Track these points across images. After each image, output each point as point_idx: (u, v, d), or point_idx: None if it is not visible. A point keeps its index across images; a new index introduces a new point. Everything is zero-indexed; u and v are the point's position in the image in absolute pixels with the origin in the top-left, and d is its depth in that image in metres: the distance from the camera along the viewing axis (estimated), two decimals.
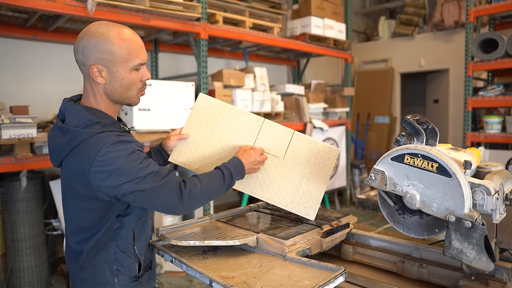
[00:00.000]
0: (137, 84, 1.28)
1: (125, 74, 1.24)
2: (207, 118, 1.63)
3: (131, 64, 1.23)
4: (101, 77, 1.22)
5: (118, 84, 1.24)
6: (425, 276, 1.27)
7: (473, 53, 4.31)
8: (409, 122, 1.24)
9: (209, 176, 1.35)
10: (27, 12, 3.20)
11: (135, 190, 1.17)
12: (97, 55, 1.19)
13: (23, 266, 3.05)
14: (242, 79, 4.13)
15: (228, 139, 1.61)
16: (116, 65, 1.21)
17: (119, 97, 1.28)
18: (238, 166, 1.44)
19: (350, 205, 5.83)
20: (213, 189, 1.33)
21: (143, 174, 1.17)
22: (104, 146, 1.14)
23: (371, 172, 1.26)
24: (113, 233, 1.26)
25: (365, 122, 7.17)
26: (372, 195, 1.99)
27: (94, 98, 1.27)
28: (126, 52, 1.21)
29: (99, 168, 1.14)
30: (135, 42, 1.24)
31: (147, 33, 4.09)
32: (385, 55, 7.37)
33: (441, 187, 1.10)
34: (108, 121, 1.25)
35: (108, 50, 1.19)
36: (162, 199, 1.21)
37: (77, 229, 1.27)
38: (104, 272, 1.26)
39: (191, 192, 1.25)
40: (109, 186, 1.16)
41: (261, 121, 1.63)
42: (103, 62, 1.20)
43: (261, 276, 1.14)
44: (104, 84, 1.24)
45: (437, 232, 1.17)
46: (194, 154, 1.59)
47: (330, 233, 1.45)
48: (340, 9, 5.33)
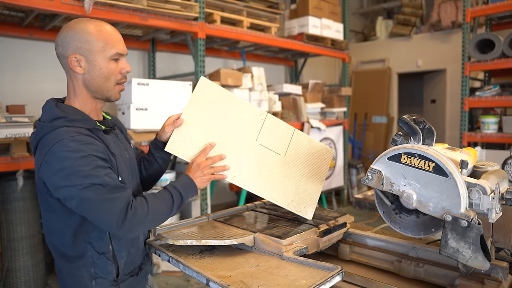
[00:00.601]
0: (115, 75, 1.28)
1: (103, 63, 1.24)
2: (207, 105, 1.49)
3: (108, 53, 1.24)
4: (80, 66, 1.23)
5: (96, 73, 1.24)
6: (422, 275, 1.27)
7: (470, 54, 4.33)
8: (406, 121, 1.24)
9: (157, 197, 1.26)
10: (24, 11, 3.19)
11: (78, 196, 1.10)
12: (75, 44, 1.21)
13: (19, 266, 3.04)
14: (239, 79, 4.13)
15: (228, 130, 1.50)
16: (94, 54, 1.23)
17: (98, 87, 1.27)
18: (187, 183, 1.33)
19: (348, 204, 5.84)
20: (161, 211, 1.24)
21: (89, 182, 1.10)
22: (58, 142, 1.11)
23: (368, 172, 1.26)
24: (86, 234, 1.21)
25: (363, 122, 7.19)
26: (369, 194, 2.00)
27: (74, 93, 1.28)
28: (102, 41, 1.23)
29: (48, 164, 1.12)
30: (112, 34, 1.26)
31: (145, 32, 4.09)
32: (382, 55, 7.39)
33: (437, 187, 1.11)
34: (76, 116, 1.22)
35: (86, 39, 1.21)
36: (105, 215, 1.13)
37: (49, 229, 1.26)
38: (81, 275, 1.22)
39: (138, 215, 1.17)
40: (53, 184, 1.12)
41: (264, 114, 1.56)
42: (81, 51, 1.21)
43: (258, 275, 1.14)
44: (83, 74, 1.25)
45: (434, 231, 1.18)
46: (190, 145, 1.44)
47: (327, 233, 1.45)
48: (338, 9, 5.34)
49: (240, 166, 1.50)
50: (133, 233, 1.19)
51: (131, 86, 3.23)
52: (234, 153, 1.50)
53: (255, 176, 1.52)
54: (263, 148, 1.54)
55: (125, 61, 1.30)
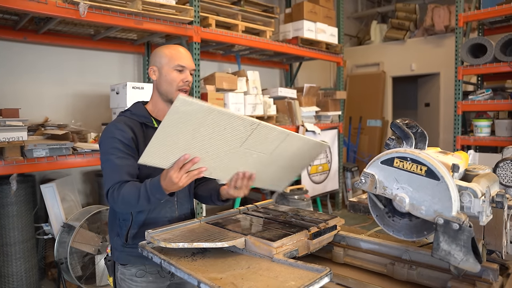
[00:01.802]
0: (177, 81, 1.62)
1: (168, 72, 1.62)
2: (188, 122, 1.32)
3: (172, 65, 1.62)
4: (154, 74, 1.66)
5: (163, 79, 1.63)
6: (415, 278, 1.28)
7: (462, 58, 4.38)
8: (398, 126, 1.25)
9: (133, 186, 1.45)
10: (18, 14, 3.18)
11: (101, 160, 1.55)
12: (153, 59, 1.67)
13: (12, 271, 3.01)
14: (234, 83, 4.14)
15: (211, 143, 1.38)
16: (163, 65, 1.63)
17: (163, 90, 1.64)
18: (155, 182, 1.40)
19: (342, 208, 5.85)
20: (129, 199, 1.43)
21: (106, 156, 1.51)
22: (108, 125, 1.59)
23: (361, 176, 1.27)
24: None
25: (357, 126, 7.22)
26: (363, 198, 2.00)
27: (151, 95, 1.71)
28: (169, 57, 1.63)
29: (101, 134, 1.59)
30: (177, 52, 1.64)
31: (140, 36, 4.09)
32: (377, 59, 7.43)
33: (429, 190, 1.12)
34: (136, 111, 1.65)
35: (159, 56, 1.65)
36: (106, 181, 1.50)
37: None
38: (113, 230, 1.67)
39: (114, 196, 1.45)
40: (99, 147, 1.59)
41: (256, 124, 1.38)
42: (156, 64, 1.65)
43: (249, 277, 1.15)
44: (156, 80, 1.65)
45: (426, 234, 1.19)
46: (168, 157, 1.36)
47: (317, 235, 1.46)
48: (332, 13, 5.37)
49: (217, 166, 1.45)
50: (115, 207, 1.50)
51: (125, 89, 3.23)
52: (213, 159, 1.42)
53: (232, 170, 1.49)
54: (247, 151, 1.46)
55: (188, 73, 1.65)
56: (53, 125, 3.32)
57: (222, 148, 1.43)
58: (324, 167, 5.40)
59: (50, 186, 3.21)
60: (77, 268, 3.07)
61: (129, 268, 1.65)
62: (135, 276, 1.64)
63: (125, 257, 1.63)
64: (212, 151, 1.42)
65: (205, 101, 3.22)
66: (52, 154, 2.80)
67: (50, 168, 2.88)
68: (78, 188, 3.95)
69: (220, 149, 1.43)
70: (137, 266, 1.64)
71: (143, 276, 1.64)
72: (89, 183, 4.13)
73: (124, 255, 1.63)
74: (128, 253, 1.62)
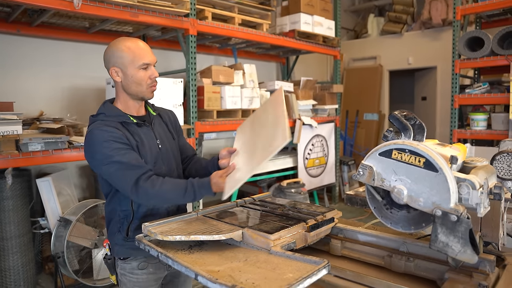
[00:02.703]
0: (145, 80, 1.60)
1: (134, 73, 1.57)
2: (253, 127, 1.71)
3: (137, 64, 1.57)
4: (118, 76, 1.59)
5: (130, 80, 1.59)
6: (412, 269, 1.29)
7: (460, 51, 4.37)
8: (396, 117, 1.25)
9: (173, 183, 1.52)
10: (10, 6, 3.13)
11: (103, 171, 1.50)
12: (113, 60, 1.58)
13: (8, 266, 3.00)
14: (231, 76, 4.11)
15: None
16: (126, 66, 1.57)
17: (133, 91, 1.61)
18: (203, 184, 1.53)
19: (339, 201, 5.87)
20: (170, 195, 1.51)
21: (109, 161, 1.47)
22: (89, 132, 1.52)
23: (359, 167, 1.27)
24: (119, 199, 1.61)
25: (354, 119, 7.22)
26: (360, 191, 2.01)
27: (117, 95, 1.65)
28: (131, 55, 1.56)
29: (84, 148, 1.54)
30: (139, 48, 1.57)
31: (135, 29, 4.06)
32: (374, 52, 7.42)
33: (427, 182, 1.11)
34: (111, 113, 1.60)
35: (120, 55, 1.56)
36: (122, 185, 1.50)
37: (104, 195, 1.68)
38: (113, 227, 1.65)
39: (145, 188, 1.47)
40: (89, 163, 1.55)
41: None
42: (117, 64, 1.57)
43: (246, 269, 1.15)
44: (121, 82, 1.60)
45: (424, 226, 1.19)
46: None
47: (315, 227, 1.46)
48: (329, 6, 5.34)
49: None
50: (143, 201, 1.53)
51: None
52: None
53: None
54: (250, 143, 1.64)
55: (153, 69, 1.62)
56: (49, 119, 3.30)
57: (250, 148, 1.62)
58: (321, 161, 5.40)
59: (46, 180, 3.19)
60: (74, 262, 3.07)
61: (129, 262, 1.66)
62: (137, 268, 1.65)
63: (127, 251, 1.64)
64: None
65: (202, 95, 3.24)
66: (48, 148, 2.78)
67: (45, 162, 2.86)
68: (74, 182, 3.93)
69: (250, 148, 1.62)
70: (138, 259, 1.65)
71: (145, 268, 1.65)
72: (85, 177, 4.11)
73: (125, 249, 1.64)
74: (130, 247, 1.62)
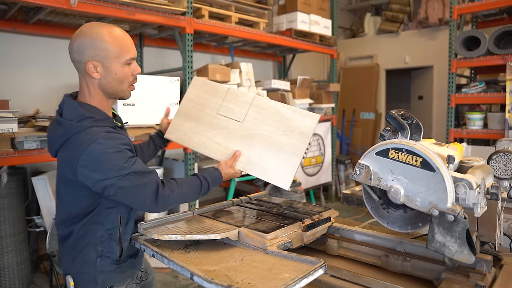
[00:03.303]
0: (129, 77, 1.39)
1: (118, 69, 1.35)
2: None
3: (123, 59, 1.35)
4: (97, 72, 1.33)
5: (112, 78, 1.35)
6: (409, 269, 1.29)
7: (456, 51, 4.38)
8: (393, 117, 1.24)
9: (187, 182, 1.45)
10: (6, 3, 3.10)
11: (116, 186, 1.25)
12: (92, 52, 1.30)
13: (3, 264, 2.98)
14: (227, 74, 4.10)
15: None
16: (110, 60, 1.33)
17: (113, 90, 1.38)
18: (216, 177, 1.54)
19: (336, 200, 5.88)
20: (188, 195, 1.44)
21: (125, 173, 1.26)
22: (93, 142, 1.23)
23: (356, 167, 1.27)
24: (102, 217, 1.34)
25: (351, 118, 7.23)
26: (357, 190, 2.01)
27: (89, 93, 1.37)
28: (118, 48, 1.33)
29: (85, 162, 1.23)
30: (125, 39, 1.36)
31: (132, 27, 4.03)
32: (370, 51, 7.43)
33: (424, 182, 1.11)
34: (100, 116, 1.34)
35: (102, 47, 1.31)
36: (139, 198, 1.31)
37: (67, 216, 1.37)
38: (89, 253, 1.34)
39: (166, 196, 1.35)
40: (92, 179, 1.25)
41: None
42: (98, 58, 1.31)
43: (242, 269, 1.14)
44: (99, 79, 1.35)
45: (421, 226, 1.19)
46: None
47: (311, 227, 1.46)
48: (326, 5, 5.34)
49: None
50: (164, 210, 1.41)
51: None
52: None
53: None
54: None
55: (136, 64, 1.41)
56: (44, 117, 3.27)
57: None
58: (317, 160, 5.40)
59: (42, 178, 3.17)
60: None
61: None
62: None
63: (117, 276, 1.40)
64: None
65: None
66: (43, 146, 2.76)
67: (41, 160, 2.84)
68: None
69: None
70: (124, 282, 1.44)
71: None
72: None
73: (115, 275, 1.39)
74: (121, 270, 1.40)
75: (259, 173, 1.59)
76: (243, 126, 1.65)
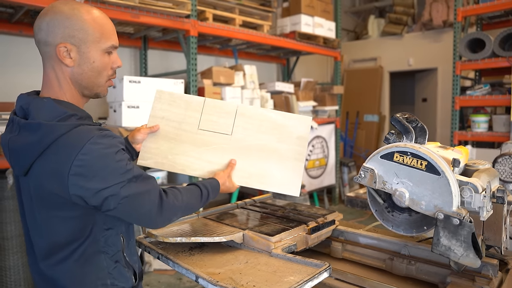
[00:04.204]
0: (107, 70, 1.13)
1: (97, 56, 1.09)
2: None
3: (104, 45, 1.09)
4: (70, 58, 1.06)
5: (88, 67, 1.09)
6: (414, 273, 1.28)
7: (461, 53, 4.37)
8: (398, 120, 1.24)
9: (188, 190, 1.25)
10: (13, 7, 3.14)
11: (119, 196, 1.00)
12: (67, 31, 1.03)
13: (9, 265, 3.00)
14: (231, 77, 4.11)
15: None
16: (88, 45, 1.06)
17: (88, 83, 1.11)
18: (215, 186, 1.36)
19: (339, 203, 5.86)
20: (192, 204, 1.23)
21: (128, 178, 1.02)
22: (88, 142, 0.97)
23: (360, 170, 1.27)
24: (101, 244, 1.08)
25: (354, 121, 7.21)
26: (361, 193, 2.01)
27: (60, 88, 1.09)
28: (98, 31, 1.08)
29: (80, 168, 0.96)
30: (107, 23, 1.11)
31: (136, 29, 4.05)
32: (374, 53, 7.42)
33: (430, 185, 1.11)
34: (83, 114, 1.08)
35: (80, 27, 1.04)
36: (144, 208, 1.06)
37: (50, 248, 1.05)
38: None
39: (171, 204, 1.13)
40: (90, 190, 0.98)
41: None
42: (73, 40, 1.04)
43: (247, 272, 1.15)
44: (72, 68, 1.07)
45: (426, 229, 1.19)
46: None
47: (316, 230, 1.46)
48: (330, 7, 5.34)
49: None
50: (169, 222, 1.16)
51: (122, 83, 3.20)
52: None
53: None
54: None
55: (117, 55, 1.16)
56: None
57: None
58: (321, 162, 5.40)
59: None
60: None
61: None
62: None
63: None
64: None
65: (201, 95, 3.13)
66: None
67: None
68: None
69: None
70: None
71: None
72: None
73: None
74: None
75: (264, 185, 1.50)
76: (233, 139, 1.52)
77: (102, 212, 1.04)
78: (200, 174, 1.50)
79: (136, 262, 1.21)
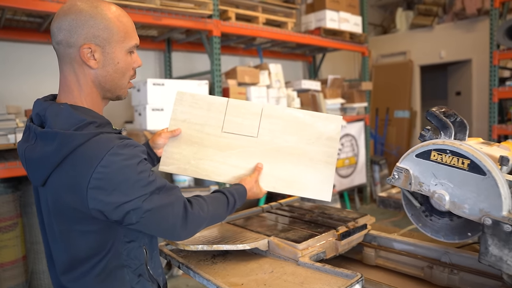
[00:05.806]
0: (130, 70, 1.09)
1: (121, 56, 1.04)
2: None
3: (128, 44, 1.05)
4: (94, 59, 1.00)
5: (113, 68, 1.04)
6: (457, 283, 1.17)
7: (498, 41, 4.12)
8: (434, 115, 1.13)
9: (214, 198, 1.20)
10: (41, 16, 3.20)
11: (141, 209, 0.95)
12: (91, 31, 0.98)
13: (42, 269, 3.05)
14: (256, 76, 4.05)
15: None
16: (112, 45, 1.02)
17: (112, 85, 1.06)
18: (242, 193, 1.30)
19: (371, 202, 5.69)
20: (218, 214, 1.19)
21: (150, 190, 0.97)
22: (108, 153, 0.91)
23: (394, 171, 1.16)
24: (123, 257, 1.03)
25: (384, 117, 7.00)
26: (393, 192, 1.89)
27: (80, 92, 1.03)
28: (122, 30, 1.03)
29: (100, 182, 0.91)
30: (129, 21, 1.07)
31: (160, 32, 4.06)
32: (403, 47, 7.18)
33: (473, 186, 1.00)
34: (103, 120, 1.02)
35: (105, 26, 1.00)
36: (168, 222, 1.01)
37: (70, 263, 1.01)
38: None
39: (197, 215, 1.07)
40: (110, 204, 0.92)
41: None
42: (97, 40, 0.99)
43: (272, 282, 1.07)
44: (96, 70, 1.02)
45: (470, 236, 1.07)
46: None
47: (346, 235, 1.36)
48: (356, 1, 5.19)
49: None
50: (194, 234, 1.11)
51: (146, 86, 3.20)
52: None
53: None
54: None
55: (137, 55, 1.12)
56: None
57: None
58: (351, 161, 5.25)
59: None
60: None
61: None
62: None
63: None
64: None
65: (227, 97, 3.06)
66: None
67: None
68: None
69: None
70: None
71: None
72: None
73: None
74: None
75: (294, 190, 1.41)
76: (259, 141, 1.44)
77: (124, 226, 0.99)
78: (225, 179, 1.43)
79: (161, 275, 1.15)
